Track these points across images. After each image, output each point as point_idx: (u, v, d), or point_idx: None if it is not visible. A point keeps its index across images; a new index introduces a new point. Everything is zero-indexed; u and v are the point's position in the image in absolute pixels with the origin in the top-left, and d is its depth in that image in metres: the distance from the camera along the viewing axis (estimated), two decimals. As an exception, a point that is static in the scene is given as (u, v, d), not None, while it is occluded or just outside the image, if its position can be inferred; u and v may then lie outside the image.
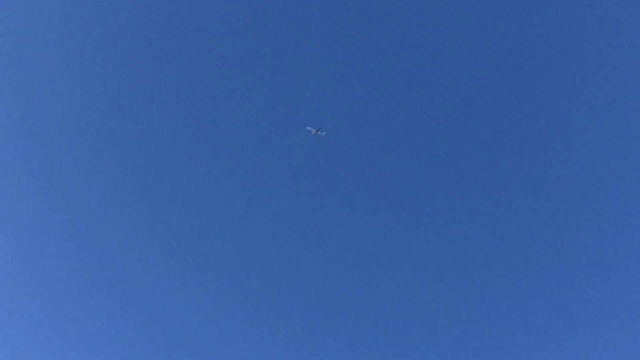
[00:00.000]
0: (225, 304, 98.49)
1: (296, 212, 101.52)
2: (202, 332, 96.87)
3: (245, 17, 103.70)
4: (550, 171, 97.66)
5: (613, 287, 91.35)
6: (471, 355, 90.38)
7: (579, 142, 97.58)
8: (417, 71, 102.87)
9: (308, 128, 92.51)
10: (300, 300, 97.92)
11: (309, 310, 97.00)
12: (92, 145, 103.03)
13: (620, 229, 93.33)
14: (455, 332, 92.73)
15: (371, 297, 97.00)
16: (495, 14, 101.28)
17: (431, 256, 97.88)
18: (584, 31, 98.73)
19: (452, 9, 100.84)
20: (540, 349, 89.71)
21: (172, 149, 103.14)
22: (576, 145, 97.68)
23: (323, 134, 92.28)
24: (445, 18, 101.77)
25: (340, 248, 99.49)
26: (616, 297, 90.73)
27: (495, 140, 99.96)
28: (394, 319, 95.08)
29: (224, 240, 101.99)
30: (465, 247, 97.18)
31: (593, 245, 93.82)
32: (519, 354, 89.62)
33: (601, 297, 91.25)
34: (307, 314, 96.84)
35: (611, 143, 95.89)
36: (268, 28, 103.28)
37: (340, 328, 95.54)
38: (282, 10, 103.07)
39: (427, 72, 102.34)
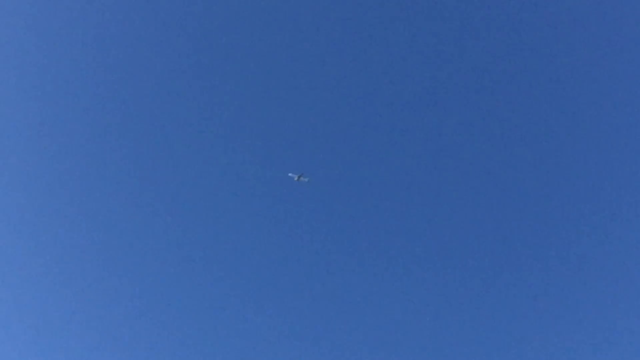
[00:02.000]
0: (225, 306, 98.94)
1: (297, 214, 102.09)
2: (202, 332, 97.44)
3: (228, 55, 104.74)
4: (550, 171, 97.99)
5: (613, 288, 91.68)
6: (471, 356, 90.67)
7: (580, 142, 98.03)
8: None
9: (290, 174, 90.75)
10: (302, 301, 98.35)
11: (309, 311, 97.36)
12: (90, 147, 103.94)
13: (620, 229, 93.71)
14: (455, 332, 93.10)
15: (371, 299, 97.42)
16: (495, 14, 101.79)
17: (430, 258, 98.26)
18: (584, 31, 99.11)
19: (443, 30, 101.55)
20: (541, 349, 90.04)
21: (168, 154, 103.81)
22: (577, 145, 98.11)
23: (306, 179, 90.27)
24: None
25: (338, 251, 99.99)
26: (616, 297, 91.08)
27: (494, 149, 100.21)
28: (393, 320, 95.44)
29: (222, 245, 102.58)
30: (466, 253, 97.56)
31: (593, 245, 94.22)
32: (519, 354, 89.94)
33: (602, 297, 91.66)
34: (306, 314, 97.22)
35: (611, 143, 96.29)
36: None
37: (341, 329, 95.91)
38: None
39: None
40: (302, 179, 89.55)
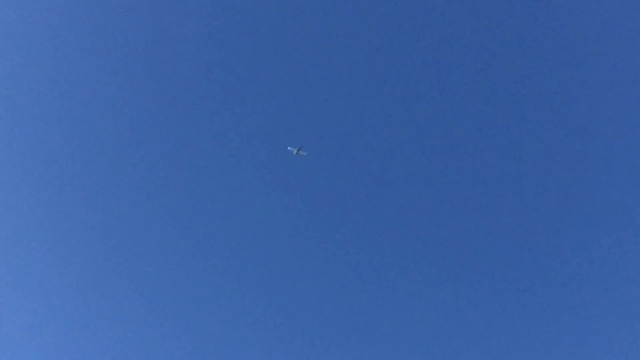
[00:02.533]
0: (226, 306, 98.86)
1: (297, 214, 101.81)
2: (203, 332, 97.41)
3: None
4: (551, 171, 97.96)
5: (613, 288, 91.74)
6: (471, 356, 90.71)
7: (580, 142, 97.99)
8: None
9: (289, 148, 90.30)
10: (301, 300, 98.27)
11: (308, 311, 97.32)
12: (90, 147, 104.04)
13: (620, 229, 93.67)
14: (455, 332, 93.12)
15: (370, 298, 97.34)
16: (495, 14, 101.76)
17: (431, 258, 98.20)
18: (584, 31, 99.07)
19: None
20: (541, 349, 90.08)
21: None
22: (577, 145, 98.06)
23: (305, 153, 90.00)
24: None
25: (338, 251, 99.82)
26: (616, 298, 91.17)
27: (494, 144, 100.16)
28: (393, 319, 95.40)
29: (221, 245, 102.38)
30: (466, 250, 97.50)
31: (594, 246, 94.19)
32: (519, 355, 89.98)
33: (602, 298, 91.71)
34: (307, 314, 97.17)
35: (611, 143, 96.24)
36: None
37: (341, 329, 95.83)
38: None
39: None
40: (300, 152, 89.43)
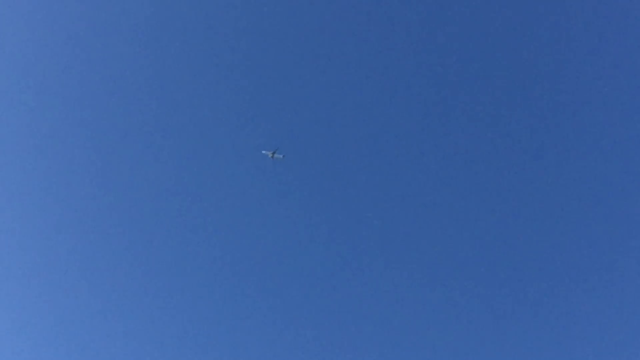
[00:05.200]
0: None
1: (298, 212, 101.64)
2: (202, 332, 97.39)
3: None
4: (551, 171, 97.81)
5: (614, 288, 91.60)
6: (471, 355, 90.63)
7: (580, 142, 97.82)
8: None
9: (264, 152, 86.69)
10: (300, 301, 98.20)
11: (308, 310, 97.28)
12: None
13: (620, 229, 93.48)
14: (455, 332, 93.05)
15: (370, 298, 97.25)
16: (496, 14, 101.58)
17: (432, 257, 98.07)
18: (585, 31, 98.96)
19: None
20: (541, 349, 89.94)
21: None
22: (577, 145, 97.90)
23: (281, 156, 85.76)
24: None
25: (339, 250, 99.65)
26: (617, 298, 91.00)
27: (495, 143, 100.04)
28: (393, 319, 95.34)
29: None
30: (466, 249, 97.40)
31: (594, 246, 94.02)
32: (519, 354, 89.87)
33: (602, 298, 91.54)
34: (306, 314, 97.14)
35: (611, 143, 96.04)
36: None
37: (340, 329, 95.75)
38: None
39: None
40: (276, 155, 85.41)
